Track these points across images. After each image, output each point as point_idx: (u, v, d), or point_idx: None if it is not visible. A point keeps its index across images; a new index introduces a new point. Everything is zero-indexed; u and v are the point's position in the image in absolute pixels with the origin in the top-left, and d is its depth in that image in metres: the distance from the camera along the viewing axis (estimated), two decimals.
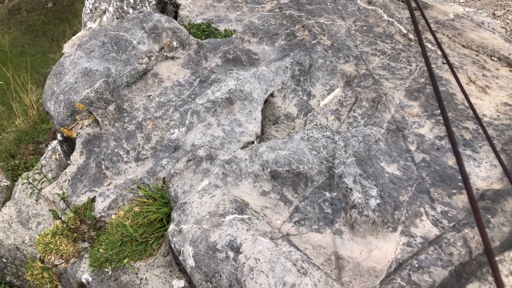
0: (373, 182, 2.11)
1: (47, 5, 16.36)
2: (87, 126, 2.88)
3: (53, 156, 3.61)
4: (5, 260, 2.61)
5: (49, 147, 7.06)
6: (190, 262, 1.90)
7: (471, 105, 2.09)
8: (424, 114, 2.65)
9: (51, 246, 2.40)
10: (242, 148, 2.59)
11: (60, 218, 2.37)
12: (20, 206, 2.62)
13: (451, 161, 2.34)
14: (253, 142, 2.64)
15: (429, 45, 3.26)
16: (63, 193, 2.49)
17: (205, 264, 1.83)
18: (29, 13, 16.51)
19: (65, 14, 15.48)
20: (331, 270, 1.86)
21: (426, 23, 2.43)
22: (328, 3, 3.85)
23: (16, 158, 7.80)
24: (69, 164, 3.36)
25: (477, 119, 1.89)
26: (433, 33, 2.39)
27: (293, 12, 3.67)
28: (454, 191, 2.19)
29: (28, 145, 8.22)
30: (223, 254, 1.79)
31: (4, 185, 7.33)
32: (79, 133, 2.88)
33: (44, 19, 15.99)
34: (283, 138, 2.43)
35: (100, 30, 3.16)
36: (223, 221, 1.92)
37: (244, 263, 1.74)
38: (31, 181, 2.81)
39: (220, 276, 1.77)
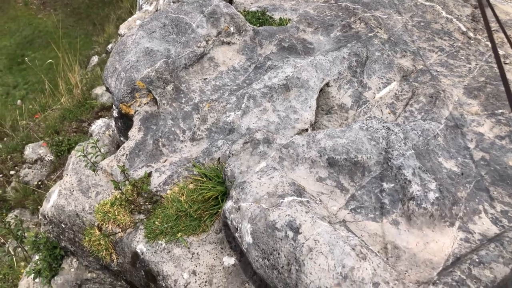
0: (432, 176, 2.11)
1: None
2: (145, 104, 2.98)
3: (107, 132, 3.76)
4: (63, 226, 2.75)
5: (93, 127, 7.31)
6: (248, 239, 1.96)
7: None
8: (484, 113, 2.60)
9: (109, 215, 2.51)
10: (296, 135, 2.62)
11: (120, 189, 2.48)
12: (81, 176, 2.76)
13: None
14: (307, 130, 2.67)
15: (490, 45, 3.17)
16: (123, 166, 2.60)
17: (263, 242, 1.88)
18: None
19: None
20: (387, 258, 1.87)
21: (497, 21, 2.38)
22: None
23: (60, 134, 8.13)
24: (122, 141, 3.49)
25: None
26: (504, 31, 2.34)
27: (348, 4, 3.66)
28: None
29: (71, 123, 8.55)
30: (282, 233, 1.83)
31: (48, 159, 7.66)
32: (137, 110, 2.99)
33: (88, 2, 16.38)
34: (339, 127, 2.45)
35: (161, 12, 3.25)
36: (282, 202, 1.97)
37: (303, 243, 1.78)
38: (85, 154, 2.94)
39: (278, 254, 1.82)
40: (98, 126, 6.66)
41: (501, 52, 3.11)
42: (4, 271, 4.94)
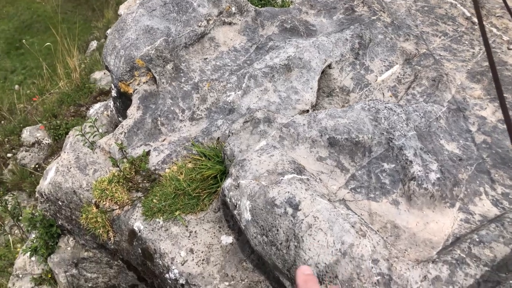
0: (433, 157, 2.09)
1: None
2: (144, 83, 2.94)
3: (105, 112, 3.72)
4: (60, 203, 2.73)
5: (91, 110, 7.26)
6: (246, 215, 1.94)
7: None
8: (487, 97, 2.58)
9: (107, 193, 2.49)
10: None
11: (118, 166, 2.46)
12: (78, 153, 2.73)
13: None
14: (308, 111, 2.64)
15: (494, 30, 3.14)
16: (121, 143, 2.57)
17: (262, 218, 1.87)
18: None
19: None
20: (387, 237, 1.86)
21: (506, 6, 2.34)
22: None
23: (58, 118, 8.07)
24: (120, 121, 3.45)
25: None
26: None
27: None
28: None
29: (69, 107, 8.49)
30: (282, 209, 1.82)
31: (46, 143, 7.61)
32: (136, 89, 2.95)
33: None
34: (342, 107, 2.42)
35: None
36: (281, 179, 1.95)
37: (303, 219, 1.76)
38: (83, 133, 2.91)
39: (277, 230, 1.80)
40: (96, 109, 6.62)
41: (505, 37, 3.07)
42: (1, 252, 4.94)
